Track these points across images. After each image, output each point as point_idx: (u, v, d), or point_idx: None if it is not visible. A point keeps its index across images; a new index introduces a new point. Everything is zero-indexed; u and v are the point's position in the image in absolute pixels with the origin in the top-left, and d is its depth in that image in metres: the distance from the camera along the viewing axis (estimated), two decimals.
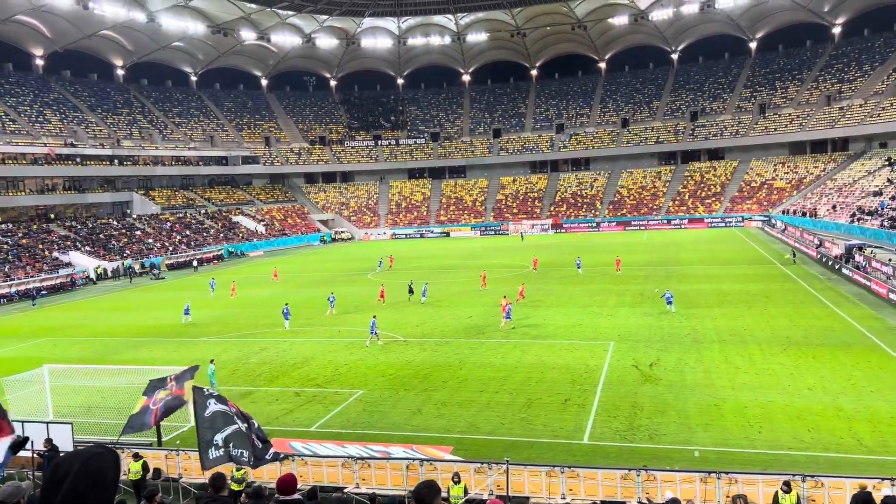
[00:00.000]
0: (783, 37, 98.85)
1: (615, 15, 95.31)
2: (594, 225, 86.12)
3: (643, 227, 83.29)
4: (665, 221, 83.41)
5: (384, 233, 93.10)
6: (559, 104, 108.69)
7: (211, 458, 12.36)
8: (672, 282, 37.48)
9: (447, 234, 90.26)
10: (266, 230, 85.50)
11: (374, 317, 31.07)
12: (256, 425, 12.51)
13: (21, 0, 72.59)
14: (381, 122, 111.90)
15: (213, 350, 30.17)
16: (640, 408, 19.89)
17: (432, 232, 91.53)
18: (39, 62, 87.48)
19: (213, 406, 13.31)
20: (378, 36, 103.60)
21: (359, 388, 23.46)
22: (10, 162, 66.29)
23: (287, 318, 34.39)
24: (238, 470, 14.97)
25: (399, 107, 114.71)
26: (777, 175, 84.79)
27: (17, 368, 25.75)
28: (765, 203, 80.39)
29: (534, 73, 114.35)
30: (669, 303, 33.51)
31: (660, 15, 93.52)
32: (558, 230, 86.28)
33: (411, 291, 41.64)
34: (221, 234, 79.26)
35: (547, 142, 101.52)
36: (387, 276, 51.63)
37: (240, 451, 12.07)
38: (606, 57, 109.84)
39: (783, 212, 73.82)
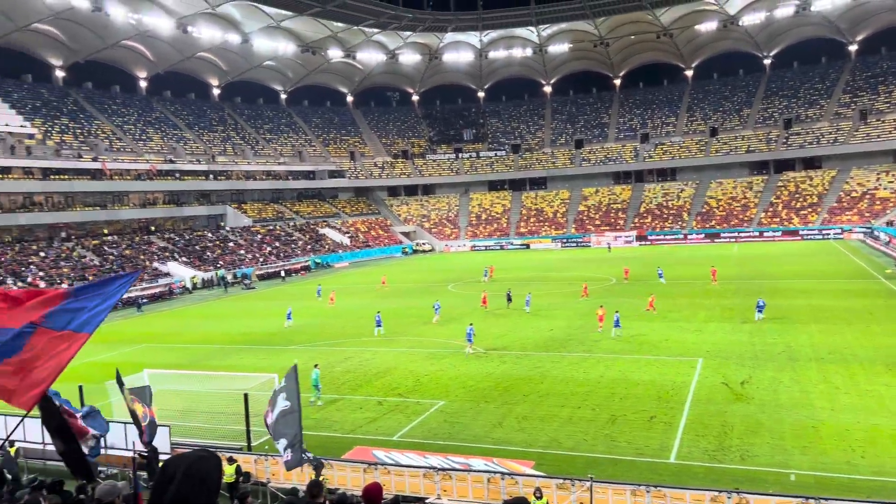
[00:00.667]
0: (886, 39, 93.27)
1: (703, 21, 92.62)
2: (681, 236, 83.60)
3: (733, 240, 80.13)
4: (757, 233, 79.95)
5: (464, 244, 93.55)
6: (643, 114, 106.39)
7: (292, 459, 12.65)
8: (764, 296, 35.85)
9: (527, 246, 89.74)
10: (351, 242, 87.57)
11: (471, 325, 31.26)
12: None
13: (127, 27, 77.53)
14: (463, 134, 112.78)
15: (301, 358, 31.07)
16: (730, 427, 19.10)
17: (512, 244, 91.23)
18: (143, 84, 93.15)
19: (282, 403, 13.58)
20: (460, 50, 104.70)
21: (440, 398, 23.62)
22: (116, 177, 70.71)
23: (379, 326, 35.49)
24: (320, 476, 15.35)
25: (480, 119, 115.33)
26: (880, 184, 79.82)
27: (122, 372, 27.31)
28: (867, 214, 75.77)
29: (617, 82, 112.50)
30: (760, 310, 32.20)
31: (751, 20, 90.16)
32: (643, 242, 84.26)
33: (510, 300, 42.09)
34: (309, 246, 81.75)
35: (631, 152, 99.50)
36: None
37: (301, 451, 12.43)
38: (693, 64, 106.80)
39: (887, 223, 69.36)
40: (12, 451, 18.17)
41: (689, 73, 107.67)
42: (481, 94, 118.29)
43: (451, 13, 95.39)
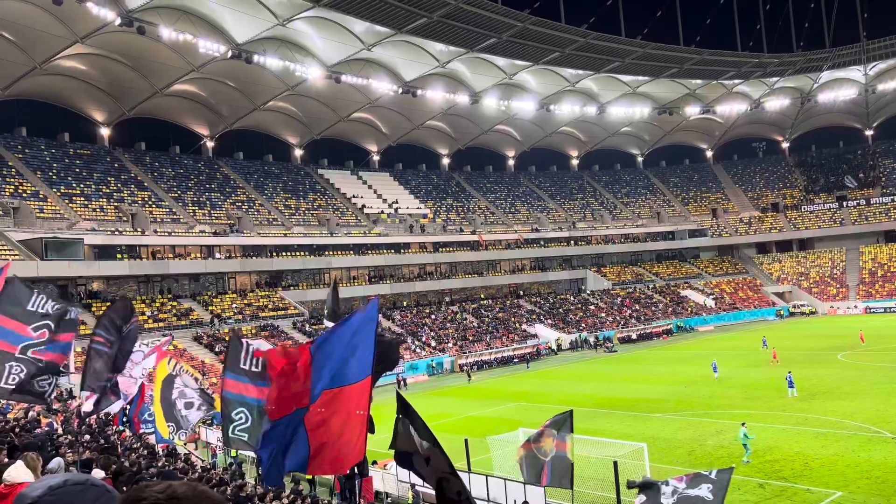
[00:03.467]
0: None
1: None
2: None
3: None
4: None
5: (855, 306, 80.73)
6: None
7: None
8: None
9: None
10: (716, 304, 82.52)
11: None
12: None
13: (498, 113, 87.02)
14: (847, 180, 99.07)
15: (667, 427, 30.00)
16: None
17: None
18: (511, 161, 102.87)
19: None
20: (839, 88, 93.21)
21: (836, 488, 20.42)
22: (490, 248, 78.59)
23: (791, 387, 34.33)
24: None
25: (869, 161, 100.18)
26: None
27: (498, 430, 29.62)
28: None
29: None
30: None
31: None
32: None
33: None
34: (670, 309, 79.37)
35: None
36: (857, 356, 44.45)
37: None
38: None
39: None
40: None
41: None
42: (869, 133, 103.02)
43: (827, 50, 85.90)
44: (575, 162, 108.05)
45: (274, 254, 62.47)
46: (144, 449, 18.72)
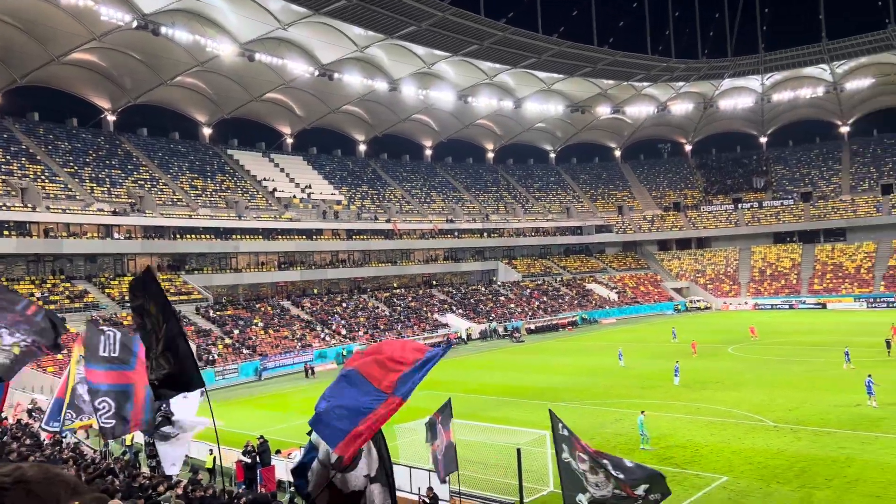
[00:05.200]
0: None
1: None
2: None
3: None
4: None
5: (745, 302, 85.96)
6: None
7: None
8: None
9: (823, 306, 79.48)
10: (618, 297, 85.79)
11: (870, 376, 29.87)
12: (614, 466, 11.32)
13: (417, 102, 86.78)
14: (742, 184, 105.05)
15: (570, 415, 30.90)
16: None
17: (804, 303, 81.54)
18: (428, 152, 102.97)
19: (567, 457, 12.09)
20: (738, 96, 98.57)
21: (722, 473, 21.67)
22: (405, 237, 78.43)
23: (676, 376, 36.55)
24: None
25: (762, 167, 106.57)
26: None
27: (407, 418, 29.60)
28: None
29: None
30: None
31: None
32: None
33: (888, 346, 40.77)
34: (575, 301, 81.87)
35: None
36: (745, 349, 47.35)
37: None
38: None
39: None
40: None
41: None
42: (763, 140, 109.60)
43: (729, 59, 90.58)
44: (490, 155, 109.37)
45: (178, 236, 60.01)
46: (28, 438, 17.59)
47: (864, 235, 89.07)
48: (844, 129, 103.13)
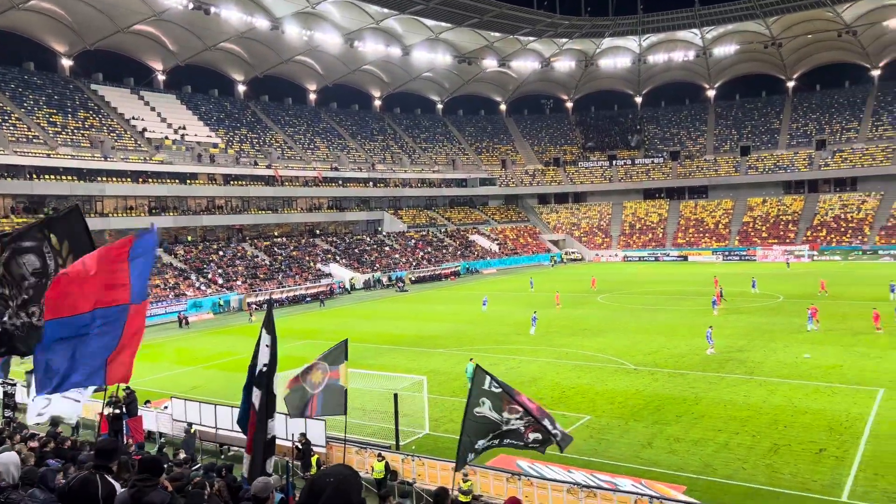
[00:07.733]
0: None
1: (893, 17, 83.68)
2: (861, 252, 75.96)
3: None
4: None
5: (616, 254, 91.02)
6: (820, 118, 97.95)
7: (467, 460, 11.68)
8: None
9: (685, 258, 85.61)
10: (499, 249, 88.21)
11: (710, 327, 32.69)
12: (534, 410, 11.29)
13: (300, 43, 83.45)
14: (618, 141, 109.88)
15: (448, 361, 31.80)
16: None
17: (668, 255, 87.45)
18: (312, 96, 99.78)
19: (485, 407, 11.85)
20: (617, 55, 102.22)
21: (586, 412, 23.17)
22: (287, 184, 76.18)
23: (534, 325, 38.34)
24: (465, 482, 15.60)
25: (637, 126, 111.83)
26: None
27: (289, 366, 29.33)
28: None
29: (790, 85, 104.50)
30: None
31: None
32: (816, 257, 77.53)
33: (754, 286, 49.10)
34: (459, 252, 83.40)
35: (804, 159, 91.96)
36: (613, 299, 50.38)
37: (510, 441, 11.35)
38: (881, 64, 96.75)
39: None
40: (192, 430, 20.16)
41: (876, 73, 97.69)
42: (638, 100, 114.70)
43: (610, 18, 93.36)
44: (378, 103, 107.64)
45: (34, 176, 55.23)
46: None
47: (724, 193, 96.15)
48: (711, 93, 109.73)
